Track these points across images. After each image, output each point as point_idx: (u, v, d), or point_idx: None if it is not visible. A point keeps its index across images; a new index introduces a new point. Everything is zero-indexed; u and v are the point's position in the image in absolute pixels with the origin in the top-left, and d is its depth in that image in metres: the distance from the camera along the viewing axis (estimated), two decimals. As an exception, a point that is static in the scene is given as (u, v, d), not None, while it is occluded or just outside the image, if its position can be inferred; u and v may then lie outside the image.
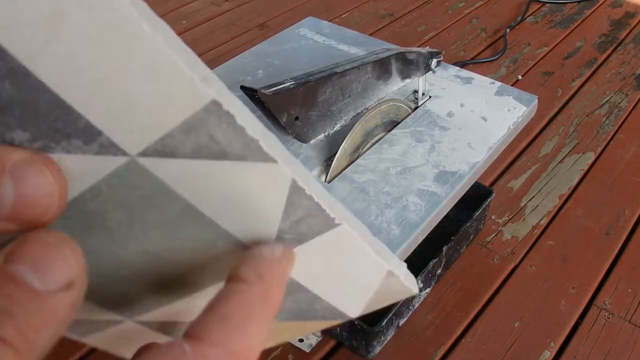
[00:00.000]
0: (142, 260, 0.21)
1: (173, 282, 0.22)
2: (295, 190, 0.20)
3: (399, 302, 0.78)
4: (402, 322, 0.84)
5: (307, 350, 0.80)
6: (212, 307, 0.18)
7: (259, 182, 0.19)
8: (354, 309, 0.25)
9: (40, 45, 0.16)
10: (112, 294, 0.23)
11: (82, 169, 0.18)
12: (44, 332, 0.15)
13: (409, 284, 0.24)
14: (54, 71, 0.16)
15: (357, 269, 0.23)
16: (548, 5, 1.66)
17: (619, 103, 1.29)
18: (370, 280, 0.24)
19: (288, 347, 0.81)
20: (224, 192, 0.20)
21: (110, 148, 0.18)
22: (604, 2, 1.67)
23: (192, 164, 0.19)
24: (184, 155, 0.18)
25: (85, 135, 0.17)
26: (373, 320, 0.76)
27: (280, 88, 0.64)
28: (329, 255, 0.22)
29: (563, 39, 1.51)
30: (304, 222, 0.21)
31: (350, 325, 0.77)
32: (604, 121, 1.24)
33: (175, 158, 0.18)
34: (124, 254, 0.21)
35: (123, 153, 0.18)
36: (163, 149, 0.18)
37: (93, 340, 0.25)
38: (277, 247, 0.20)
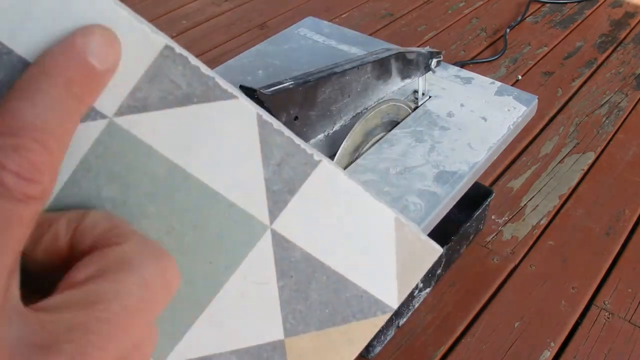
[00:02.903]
0: None
1: (185, 282, 0.22)
2: (264, 125, 0.21)
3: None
4: (402, 322, 0.84)
5: (307, 350, 0.80)
6: None
7: (228, 122, 0.21)
8: (386, 289, 0.24)
9: (17, 23, 0.17)
10: None
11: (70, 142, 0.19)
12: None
13: (425, 238, 0.24)
14: (31, 45, 0.18)
15: (362, 220, 0.23)
16: (548, 5, 1.66)
17: (619, 103, 1.29)
18: (383, 237, 0.23)
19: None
20: (200, 142, 0.21)
21: (90, 112, 0.19)
22: (604, 2, 1.67)
23: (163, 114, 0.20)
24: (154, 106, 0.20)
25: None
26: (373, 320, 0.76)
27: (280, 88, 0.64)
28: (326, 207, 0.22)
29: (563, 39, 1.51)
30: (285, 165, 0.22)
31: (350, 325, 0.77)
32: (604, 121, 1.24)
33: (147, 112, 0.20)
34: None
35: (102, 115, 0.19)
36: (135, 104, 0.20)
37: None
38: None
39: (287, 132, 0.22)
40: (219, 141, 0.21)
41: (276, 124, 0.22)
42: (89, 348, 0.15)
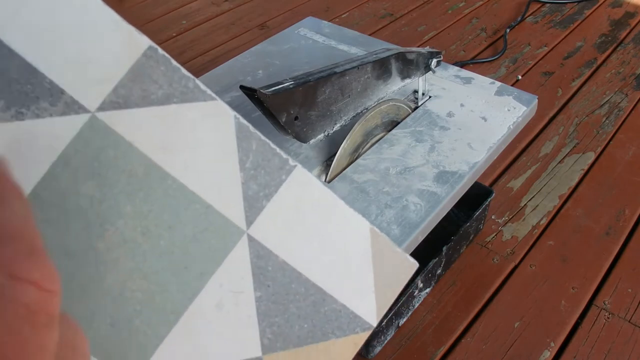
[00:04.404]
0: (122, 256, 0.21)
1: (159, 289, 0.21)
2: (241, 128, 0.22)
3: (399, 302, 0.78)
4: (402, 322, 0.84)
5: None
6: None
7: (207, 123, 0.21)
8: (365, 304, 0.24)
9: (8, 17, 0.18)
10: (100, 330, 0.21)
11: (51, 134, 0.20)
12: None
13: (401, 251, 0.24)
14: (21, 38, 0.18)
15: (337, 229, 0.23)
16: (548, 5, 1.66)
17: (619, 103, 1.29)
18: (359, 247, 0.23)
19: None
20: (178, 141, 0.21)
21: (73, 106, 0.20)
22: (604, 2, 1.67)
23: (144, 112, 0.21)
24: (136, 104, 0.20)
25: (51, 95, 0.19)
26: (373, 320, 0.76)
27: (280, 88, 0.64)
28: (301, 214, 0.22)
29: (563, 39, 1.51)
30: (261, 170, 0.22)
31: (350, 325, 0.77)
32: (604, 121, 1.24)
33: (129, 108, 0.20)
34: (104, 248, 0.20)
35: (84, 110, 0.20)
36: (117, 100, 0.20)
37: None
38: None
39: (263, 137, 0.22)
40: (197, 141, 0.21)
41: (252, 127, 0.22)
42: None
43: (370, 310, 0.24)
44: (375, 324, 0.24)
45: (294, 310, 0.23)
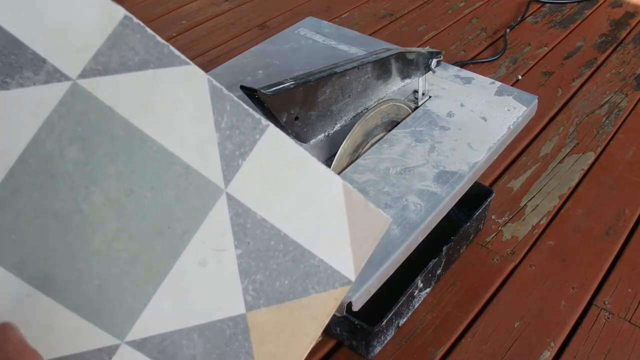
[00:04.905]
0: (108, 217, 0.22)
1: (144, 249, 0.22)
2: (215, 90, 0.23)
3: (399, 302, 0.78)
4: (402, 322, 0.84)
5: (307, 350, 0.80)
6: None
7: (182, 86, 0.23)
8: (342, 258, 0.25)
9: None
10: (89, 290, 0.22)
11: (36, 101, 0.20)
12: None
13: (374, 207, 0.25)
14: (3, 11, 0.19)
15: (311, 186, 0.24)
16: (548, 5, 1.66)
17: (619, 103, 1.29)
18: (333, 202, 0.24)
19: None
20: (156, 104, 0.22)
21: (55, 74, 0.21)
22: (604, 2, 1.67)
23: (123, 78, 0.22)
24: (115, 70, 0.22)
25: (34, 65, 0.20)
26: (373, 320, 0.76)
27: (280, 88, 0.64)
28: (277, 171, 0.23)
29: (563, 39, 1.51)
30: (236, 130, 0.23)
31: (350, 325, 0.77)
32: (604, 121, 1.24)
33: (108, 75, 0.21)
34: (90, 210, 0.21)
35: (66, 78, 0.21)
36: (97, 67, 0.21)
37: None
38: None
39: (236, 99, 0.23)
40: (174, 104, 0.22)
41: (225, 90, 0.23)
42: None
43: (347, 265, 0.25)
44: (353, 279, 0.25)
45: (274, 266, 0.24)
